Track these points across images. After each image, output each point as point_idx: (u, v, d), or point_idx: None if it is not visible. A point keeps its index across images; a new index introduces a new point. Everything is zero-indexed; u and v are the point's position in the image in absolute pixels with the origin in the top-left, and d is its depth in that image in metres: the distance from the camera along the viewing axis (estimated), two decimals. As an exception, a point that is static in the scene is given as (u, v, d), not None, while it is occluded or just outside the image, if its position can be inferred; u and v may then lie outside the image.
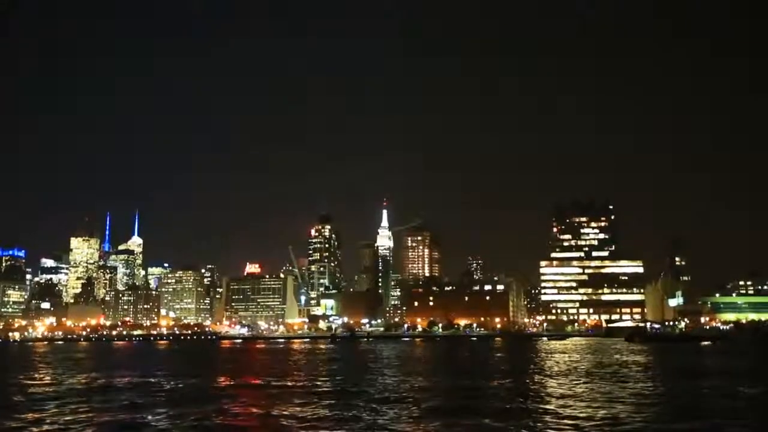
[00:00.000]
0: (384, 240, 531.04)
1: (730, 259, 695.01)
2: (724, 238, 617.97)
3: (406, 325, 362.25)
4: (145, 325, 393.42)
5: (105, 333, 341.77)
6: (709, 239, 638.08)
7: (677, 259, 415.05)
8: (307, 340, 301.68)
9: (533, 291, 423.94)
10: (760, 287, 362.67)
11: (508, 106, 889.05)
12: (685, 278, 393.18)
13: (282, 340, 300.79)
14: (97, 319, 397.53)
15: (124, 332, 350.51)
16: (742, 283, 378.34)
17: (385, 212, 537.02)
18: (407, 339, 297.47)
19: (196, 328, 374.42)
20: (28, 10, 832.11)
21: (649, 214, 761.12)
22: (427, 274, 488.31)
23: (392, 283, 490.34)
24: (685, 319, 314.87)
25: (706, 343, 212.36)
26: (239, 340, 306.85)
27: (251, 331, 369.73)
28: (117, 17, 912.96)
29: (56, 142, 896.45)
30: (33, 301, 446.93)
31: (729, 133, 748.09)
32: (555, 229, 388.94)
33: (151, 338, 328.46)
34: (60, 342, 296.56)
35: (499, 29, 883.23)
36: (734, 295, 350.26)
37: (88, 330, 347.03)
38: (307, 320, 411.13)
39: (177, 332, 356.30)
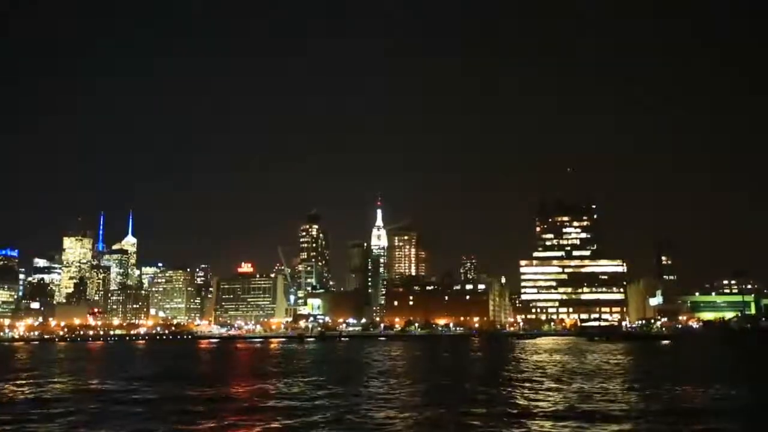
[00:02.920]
0: (377, 239, 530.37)
1: (730, 260, 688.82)
2: (724, 238, 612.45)
3: (383, 325, 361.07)
4: (124, 324, 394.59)
5: (81, 332, 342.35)
6: (709, 239, 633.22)
7: (663, 258, 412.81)
8: (284, 339, 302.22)
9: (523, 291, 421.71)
10: (743, 286, 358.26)
11: (508, 106, 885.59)
12: (671, 277, 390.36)
13: (259, 340, 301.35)
14: (84, 319, 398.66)
15: (101, 332, 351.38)
16: (725, 282, 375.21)
17: (379, 212, 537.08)
18: (383, 338, 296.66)
19: (174, 328, 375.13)
20: (28, 10, 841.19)
21: (649, 214, 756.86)
22: (413, 274, 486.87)
23: (383, 282, 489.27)
24: (664, 318, 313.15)
25: (665, 342, 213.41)
26: (216, 340, 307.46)
27: (229, 331, 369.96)
28: (117, 17, 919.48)
29: (56, 142, 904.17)
30: (23, 301, 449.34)
31: (729, 133, 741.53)
32: (538, 229, 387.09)
33: (127, 338, 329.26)
34: (35, 342, 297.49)
35: (499, 29, 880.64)
36: (713, 294, 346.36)
37: (65, 330, 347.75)
38: (288, 320, 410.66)
39: (155, 332, 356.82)
